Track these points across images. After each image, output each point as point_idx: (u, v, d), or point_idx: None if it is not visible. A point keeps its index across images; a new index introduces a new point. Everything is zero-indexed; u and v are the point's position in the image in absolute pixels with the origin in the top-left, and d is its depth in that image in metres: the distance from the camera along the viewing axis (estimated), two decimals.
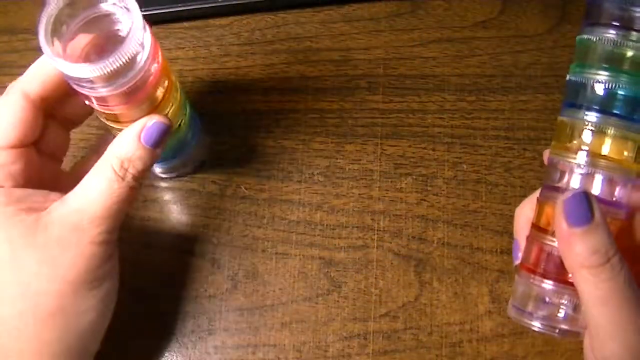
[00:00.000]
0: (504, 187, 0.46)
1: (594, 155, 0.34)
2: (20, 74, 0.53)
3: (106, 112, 0.37)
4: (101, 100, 0.36)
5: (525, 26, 0.51)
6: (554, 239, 0.34)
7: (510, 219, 0.43)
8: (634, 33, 0.33)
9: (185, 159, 0.46)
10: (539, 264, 0.35)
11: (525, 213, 0.38)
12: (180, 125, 0.43)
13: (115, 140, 0.36)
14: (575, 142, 0.35)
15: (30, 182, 0.36)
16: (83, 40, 0.35)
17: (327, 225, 0.45)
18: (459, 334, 0.42)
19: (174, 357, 0.42)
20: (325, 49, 0.51)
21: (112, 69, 0.33)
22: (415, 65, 0.50)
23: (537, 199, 0.37)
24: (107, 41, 0.36)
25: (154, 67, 0.36)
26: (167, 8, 0.51)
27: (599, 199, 0.33)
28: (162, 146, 0.36)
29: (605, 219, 0.31)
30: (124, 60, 0.33)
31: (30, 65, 0.51)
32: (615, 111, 0.34)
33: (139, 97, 0.36)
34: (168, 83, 0.39)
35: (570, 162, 0.35)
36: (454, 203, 0.45)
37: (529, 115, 0.48)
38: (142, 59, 0.34)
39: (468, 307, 0.42)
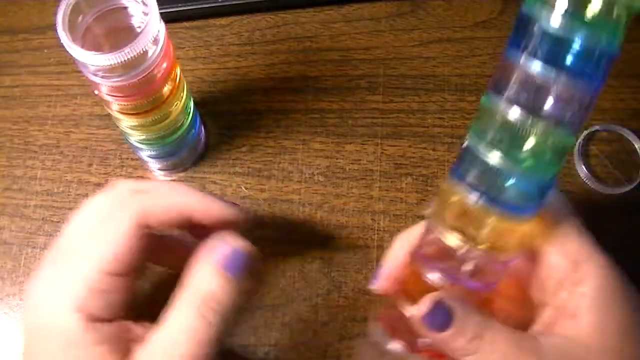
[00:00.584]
0: None
1: (470, 239, 0.30)
2: (20, 74, 0.53)
3: (115, 102, 0.38)
4: (111, 89, 0.36)
5: None
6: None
7: None
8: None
9: (184, 157, 0.46)
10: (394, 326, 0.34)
11: (404, 245, 0.35)
12: (182, 124, 0.43)
13: (193, 271, 0.32)
14: (452, 219, 0.31)
15: (128, 311, 0.33)
16: (97, 30, 0.36)
17: (327, 225, 0.45)
18: None
19: None
20: (325, 49, 0.51)
21: (126, 59, 0.33)
22: (415, 65, 0.50)
23: (411, 262, 0.33)
24: (120, 33, 0.37)
25: (165, 63, 0.37)
26: (167, 8, 0.51)
27: (470, 285, 0.31)
28: (246, 275, 0.32)
29: (466, 307, 0.30)
30: (139, 52, 0.34)
31: (30, 65, 0.52)
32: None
33: (148, 91, 0.37)
34: (176, 81, 0.39)
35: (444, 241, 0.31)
36: None
37: None
38: (155, 52, 0.35)
39: None
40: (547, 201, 0.30)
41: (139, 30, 0.34)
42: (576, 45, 0.29)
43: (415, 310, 0.31)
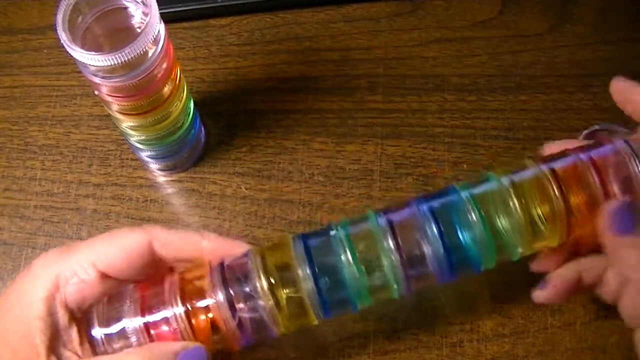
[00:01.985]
0: None
1: None
2: (20, 74, 0.53)
3: (115, 103, 0.38)
4: (111, 90, 0.36)
5: (525, 26, 0.51)
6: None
7: None
8: None
9: (183, 158, 0.46)
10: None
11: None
12: (182, 124, 0.43)
13: (150, 352, 0.32)
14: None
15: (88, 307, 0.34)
16: (97, 30, 0.36)
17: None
18: (459, 334, 0.42)
19: None
20: (325, 49, 0.51)
21: (127, 59, 0.33)
22: (415, 65, 0.50)
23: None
24: (121, 34, 0.37)
25: (165, 63, 0.37)
26: (167, 8, 0.51)
27: None
28: None
29: None
30: (139, 52, 0.34)
31: (30, 65, 0.52)
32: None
33: (148, 91, 0.37)
34: (176, 81, 0.39)
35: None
36: None
37: (529, 115, 0.48)
38: (155, 53, 0.35)
39: (468, 307, 0.42)
40: None
41: (139, 30, 0.34)
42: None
43: (605, 208, 0.31)
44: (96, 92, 0.38)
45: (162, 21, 0.36)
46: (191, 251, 0.35)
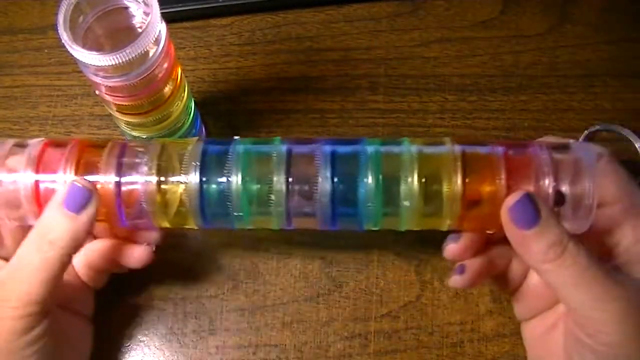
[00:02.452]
0: None
1: None
2: (21, 74, 0.53)
3: (116, 102, 0.38)
4: (112, 90, 0.36)
5: (526, 26, 0.51)
6: None
7: None
8: None
9: None
10: None
11: None
12: (183, 124, 0.43)
13: (42, 214, 0.34)
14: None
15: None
16: (98, 30, 0.36)
17: None
18: (460, 334, 0.42)
19: (176, 357, 0.42)
20: (326, 49, 0.51)
21: (127, 59, 0.33)
22: (416, 65, 0.50)
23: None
24: (121, 33, 0.37)
25: (166, 63, 0.37)
26: (168, 8, 0.51)
27: None
28: (87, 212, 0.34)
29: (553, 212, 0.32)
30: (140, 52, 0.34)
31: (30, 65, 0.52)
32: None
33: (149, 91, 0.37)
34: (177, 81, 0.39)
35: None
36: None
37: (530, 115, 0.48)
38: (155, 53, 0.35)
39: (469, 307, 0.42)
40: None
41: (140, 30, 0.34)
42: None
43: (505, 203, 0.32)
44: (97, 92, 0.38)
45: (163, 21, 0.36)
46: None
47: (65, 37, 0.34)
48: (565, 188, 0.32)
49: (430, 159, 0.33)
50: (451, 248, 0.36)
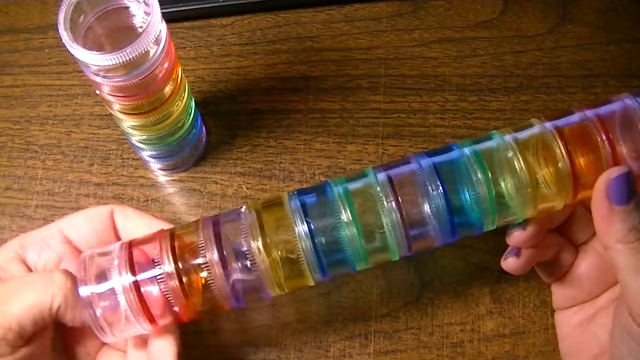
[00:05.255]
0: None
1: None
2: (21, 74, 0.53)
3: (116, 102, 0.38)
4: (112, 90, 0.36)
5: (526, 26, 0.51)
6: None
7: None
8: None
9: (185, 157, 0.46)
10: None
11: None
12: (183, 124, 0.43)
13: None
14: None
15: None
16: (99, 30, 0.36)
17: None
18: (460, 334, 0.42)
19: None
20: (326, 49, 0.51)
21: (128, 59, 0.33)
22: (416, 65, 0.50)
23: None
24: (122, 33, 0.37)
25: (166, 63, 0.37)
26: (168, 8, 0.51)
27: None
28: None
29: None
30: (140, 52, 0.34)
31: (31, 65, 0.52)
32: None
33: (149, 91, 0.37)
34: (177, 81, 0.39)
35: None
36: None
37: (530, 115, 0.48)
38: (156, 53, 0.35)
39: (469, 307, 0.42)
40: None
41: (140, 30, 0.34)
42: None
43: (606, 173, 0.32)
44: (97, 92, 0.38)
45: (163, 21, 0.36)
46: (147, 228, 0.36)
47: (65, 36, 0.34)
48: None
49: (527, 143, 0.32)
50: (517, 235, 0.35)
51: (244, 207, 0.33)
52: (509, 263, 0.37)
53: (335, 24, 0.52)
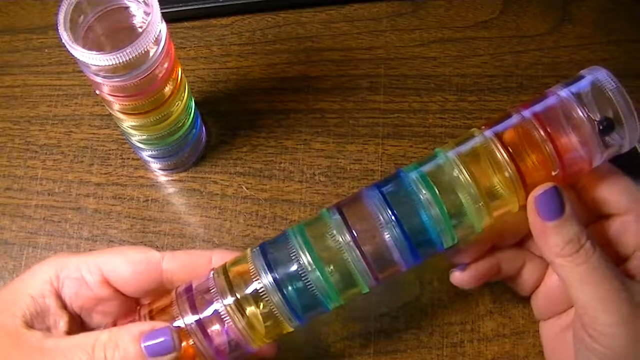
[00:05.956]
0: None
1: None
2: (21, 74, 0.53)
3: (116, 102, 0.38)
4: (112, 90, 0.36)
5: (526, 26, 0.51)
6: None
7: None
8: None
9: (185, 157, 0.46)
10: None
11: None
12: (183, 124, 0.43)
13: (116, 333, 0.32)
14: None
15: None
16: (98, 30, 0.36)
17: None
18: (460, 334, 0.42)
19: None
20: (326, 49, 0.51)
21: (128, 59, 0.33)
22: (416, 65, 0.50)
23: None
24: (122, 33, 0.37)
25: (166, 63, 0.37)
26: (168, 8, 0.51)
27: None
28: None
29: (574, 210, 0.32)
30: (140, 52, 0.34)
31: (31, 65, 0.52)
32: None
33: (149, 91, 0.37)
34: (177, 81, 0.39)
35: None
36: None
37: None
38: (156, 53, 0.35)
39: (469, 307, 0.42)
40: None
41: (140, 30, 0.34)
42: None
43: (533, 194, 0.32)
44: (97, 92, 0.38)
45: (163, 21, 0.36)
46: (197, 265, 0.35)
47: (65, 37, 0.34)
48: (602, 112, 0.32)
49: (470, 156, 0.33)
50: (457, 276, 0.37)
51: (212, 273, 0.34)
52: (455, 277, 0.37)
53: (335, 24, 0.52)
